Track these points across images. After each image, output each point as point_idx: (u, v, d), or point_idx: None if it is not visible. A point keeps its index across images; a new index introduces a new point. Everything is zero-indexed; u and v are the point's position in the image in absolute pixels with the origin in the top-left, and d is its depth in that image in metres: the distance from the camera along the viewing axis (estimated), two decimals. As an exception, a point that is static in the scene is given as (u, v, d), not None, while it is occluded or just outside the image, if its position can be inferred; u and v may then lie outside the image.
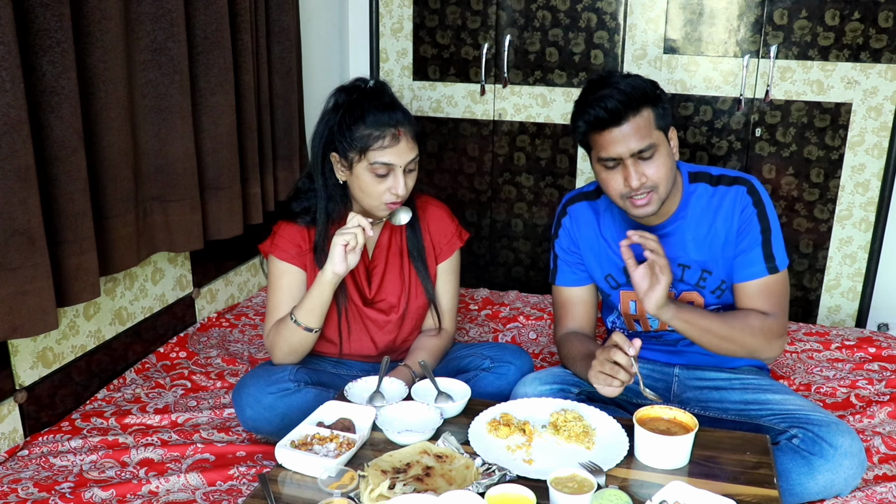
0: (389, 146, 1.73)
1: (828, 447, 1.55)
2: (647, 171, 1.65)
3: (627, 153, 1.63)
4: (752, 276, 1.74)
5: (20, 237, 1.61)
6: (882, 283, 2.89)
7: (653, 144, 1.64)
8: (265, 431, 1.80)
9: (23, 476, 1.71)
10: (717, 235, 1.76)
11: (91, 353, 2.10)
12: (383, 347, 1.96)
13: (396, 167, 1.75)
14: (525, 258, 3.22)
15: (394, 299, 1.94)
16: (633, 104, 1.62)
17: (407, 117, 1.78)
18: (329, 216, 1.85)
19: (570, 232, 1.91)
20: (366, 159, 1.74)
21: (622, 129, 1.62)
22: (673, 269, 1.78)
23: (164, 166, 2.07)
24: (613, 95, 1.62)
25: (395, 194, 1.76)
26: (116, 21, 1.83)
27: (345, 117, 1.76)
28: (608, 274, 1.86)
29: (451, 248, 1.99)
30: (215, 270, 2.63)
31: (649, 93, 1.65)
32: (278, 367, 1.83)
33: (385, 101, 1.77)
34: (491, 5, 2.99)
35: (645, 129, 1.63)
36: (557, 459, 1.45)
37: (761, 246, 1.73)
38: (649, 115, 1.64)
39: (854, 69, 2.72)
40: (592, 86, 1.69)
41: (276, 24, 2.51)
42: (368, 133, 1.73)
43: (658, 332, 1.88)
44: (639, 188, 1.65)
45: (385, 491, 1.29)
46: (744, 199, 1.74)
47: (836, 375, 2.22)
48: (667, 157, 1.67)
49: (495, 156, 3.16)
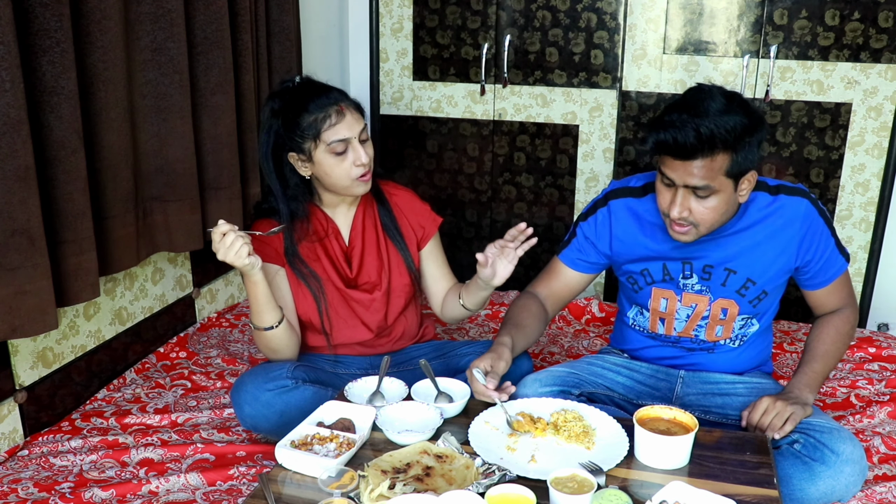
0: (338, 122, 1.80)
1: (829, 453, 1.54)
2: (695, 207, 1.60)
3: (682, 184, 1.58)
4: (835, 275, 1.78)
5: (20, 237, 1.61)
6: (882, 283, 2.89)
7: (710, 187, 1.57)
8: (263, 429, 1.80)
9: (23, 476, 1.71)
10: (775, 246, 1.73)
11: (91, 353, 2.10)
12: (376, 328, 1.97)
13: (352, 139, 1.81)
14: (525, 258, 3.19)
15: (374, 277, 1.96)
16: (707, 148, 1.52)
17: (342, 93, 1.85)
18: (296, 215, 1.89)
19: (601, 224, 1.85)
20: (322, 142, 1.80)
21: (686, 164, 1.55)
22: (718, 272, 1.76)
23: (164, 166, 2.07)
24: (689, 133, 1.52)
25: (361, 165, 1.81)
26: (116, 21, 1.83)
27: (287, 115, 1.81)
28: (644, 269, 1.82)
29: (431, 230, 2.02)
30: (215, 270, 2.63)
31: (732, 139, 1.53)
32: (276, 365, 1.83)
33: (317, 86, 1.85)
34: (491, 5, 2.99)
35: (710, 173, 1.55)
36: (557, 459, 1.44)
37: (835, 246, 1.76)
38: (723, 160, 1.55)
39: (854, 69, 2.72)
40: (684, 103, 1.57)
41: (276, 24, 2.51)
42: (314, 118, 1.79)
43: (680, 338, 1.86)
44: (678, 219, 1.62)
45: (385, 491, 1.29)
46: (810, 211, 1.72)
47: (835, 375, 2.22)
48: (722, 203, 1.60)
49: (495, 156, 3.16)
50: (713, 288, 1.78)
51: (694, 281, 1.79)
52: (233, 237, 1.66)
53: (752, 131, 1.56)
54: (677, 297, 1.81)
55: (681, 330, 1.84)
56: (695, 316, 1.81)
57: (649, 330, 1.89)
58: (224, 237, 1.66)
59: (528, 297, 1.93)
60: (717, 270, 1.76)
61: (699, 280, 1.78)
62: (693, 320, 1.82)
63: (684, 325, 1.83)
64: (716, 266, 1.76)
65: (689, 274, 1.78)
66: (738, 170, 1.58)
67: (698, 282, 1.78)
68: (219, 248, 1.67)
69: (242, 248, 1.67)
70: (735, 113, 1.54)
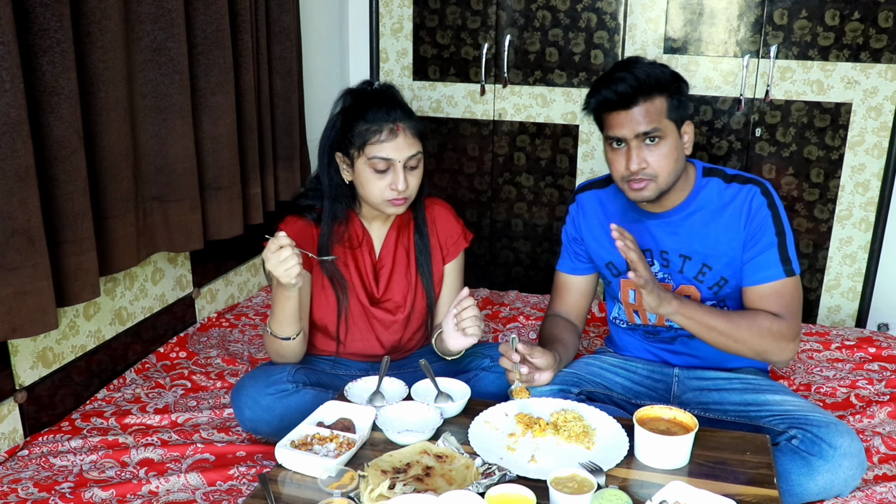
0: (387, 140, 1.75)
1: (827, 448, 1.55)
2: (649, 157, 1.66)
3: (632, 135, 1.65)
4: (768, 278, 1.72)
5: (20, 237, 1.61)
6: (882, 283, 2.89)
7: (659, 129, 1.65)
8: (264, 432, 1.80)
9: (23, 476, 1.71)
10: (724, 231, 1.76)
11: (91, 353, 2.10)
12: (389, 347, 1.97)
13: (395, 162, 1.76)
14: (525, 258, 3.22)
15: (400, 299, 1.94)
16: (644, 90, 1.64)
17: (407, 114, 1.80)
18: (335, 216, 1.87)
19: (575, 220, 1.94)
20: (364, 154, 1.77)
21: (630, 112, 1.64)
22: (675, 259, 1.80)
23: (164, 166, 2.07)
24: (626, 80, 1.64)
25: (395, 190, 1.77)
26: (116, 21, 1.83)
27: (347, 116, 1.79)
28: (609, 262, 1.88)
29: (457, 249, 2.01)
30: (215, 270, 2.63)
31: (665, 82, 1.66)
32: (277, 368, 1.83)
33: (386, 98, 1.80)
34: (491, 5, 2.99)
35: (654, 115, 1.65)
36: (557, 459, 1.44)
37: (777, 249, 1.72)
38: (662, 103, 1.65)
39: (854, 69, 2.72)
40: (615, 67, 1.71)
41: (276, 24, 2.51)
42: (367, 128, 1.76)
43: (656, 328, 1.88)
44: (637, 172, 1.67)
45: (385, 491, 1.29)
46: (758, 199, 1.73)
47: (836, 375, 2.22)
48: (672, 149, 1.68)
49: (495, 156, 3.16)
50: (673, 275, 1.82)
51: (656, 269, 1.83)
52: (289, 252, 1.61)
53: (678, 79, 1.70)
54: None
55: (654, 320, 1.87)
56: None
57: (629, 322, 1.93)
58: (281, 250, 1.62)
59: (549, 318, 1.99)
60: (673, 257, 1.80)
61: (661, 268, 1.82)
62: None
63: (657, 318, 1.87)
64: (671, 252, 1.80)
65: (650, 262, 1.83)
66: (677, 115, 1.68)
67: (660, 269, 1.83)
68: (270, 259, 1.62)
69: (295, 266, 1.62)
70: (658, 66, 1.69)
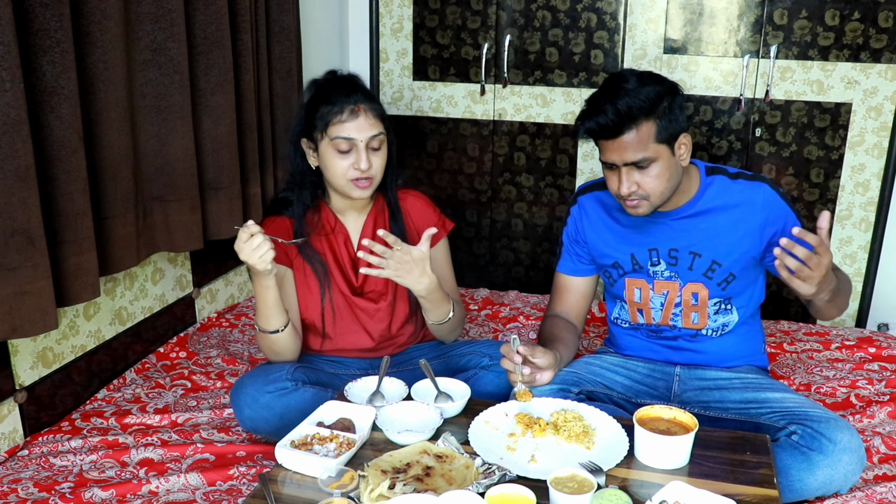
0: (348, 120, 1.79)
1: (826, 442, 1.55)
2: (640, 180, 1.67)
3: (621, 162, 1.66)
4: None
5: (20, 237, 1.61)
6: (882, 283, 2.89)
7: (647, 158, 1.65)
8: (263, 431, 1.80)
9: (23, 476, 1.71)
10: (734, 228, 1.77)
11: (91, 353, 2.10)
12: (378, 337, 1.97)
13: (357, 142, 1.80)
14: (525, 258, 3.22)
15: (381, 287, 1.96)
16: (629, 120, 1.62)
17: (368, 97, 1.84)
18: (304, 203, 1.90)
19: (577, 222, 1.95)
20: (327, 136, 1.81)
21: (617, 141, 1.64)
22: (684, 257, 1.81)
23: (164, 166, 2.07)
24: (608, 112, 1.62)
25: (357, 169, 1.80)
26: (116, 21, 1.83)
27: (312, 101, 1.84)
28: (615, 261, 1.88)
29: (435, 239, 1.99)
30: (215, 270, 2.63)
31: (651, 107, 1.63)
32: (276, 367, 1.83)
33: (347, 82, 1.85)
34: (491, 5, 2.99)
35: (641, 143, 1.63)
36: (557, 459, 1.45)
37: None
38: (649, 128, 1.63)
39: (854, 69, 2.72)
40: (602, 89, 1.68)
41: (276, 24, 2.51)
42: (328, 109, 1.80)
43: (659, 327, 1.89)
44: (628, 196, 1.69)
45: (385, 491, 1.29)
46: (770, 193, 1.75)
47: (836, 375, 2.22)
48: (665, 170, 1.67)
49: (495, 156, 3.16)
50: (681, 273, 1.82)
51: (662, 268, 1.83)
52: (261, 239, 1.66)
53: (667, 96, 1.65)
54: (650, 286, 1.86)
55: (659, 319, 1.88)
56: (668, 303, 1.85)
57: (631, 322, 1.93)
58: (252, 238, 1.66)
59: (548, 318, 1.99)
60: (683, 254, 1.81)
61: (667, 266, 1.83)
62: (668, 307, 1.86)
63: (661, 314, 1.87)
64: (680, 250, 1.80)
65: (656, 261, 1.83)
66: (668, 135, 1.65)
67: (667, 268, 1.83)
68: (243, 248, 1.67)
69: (268, 252, 1.67)
70: (647, 85, 1.64)
